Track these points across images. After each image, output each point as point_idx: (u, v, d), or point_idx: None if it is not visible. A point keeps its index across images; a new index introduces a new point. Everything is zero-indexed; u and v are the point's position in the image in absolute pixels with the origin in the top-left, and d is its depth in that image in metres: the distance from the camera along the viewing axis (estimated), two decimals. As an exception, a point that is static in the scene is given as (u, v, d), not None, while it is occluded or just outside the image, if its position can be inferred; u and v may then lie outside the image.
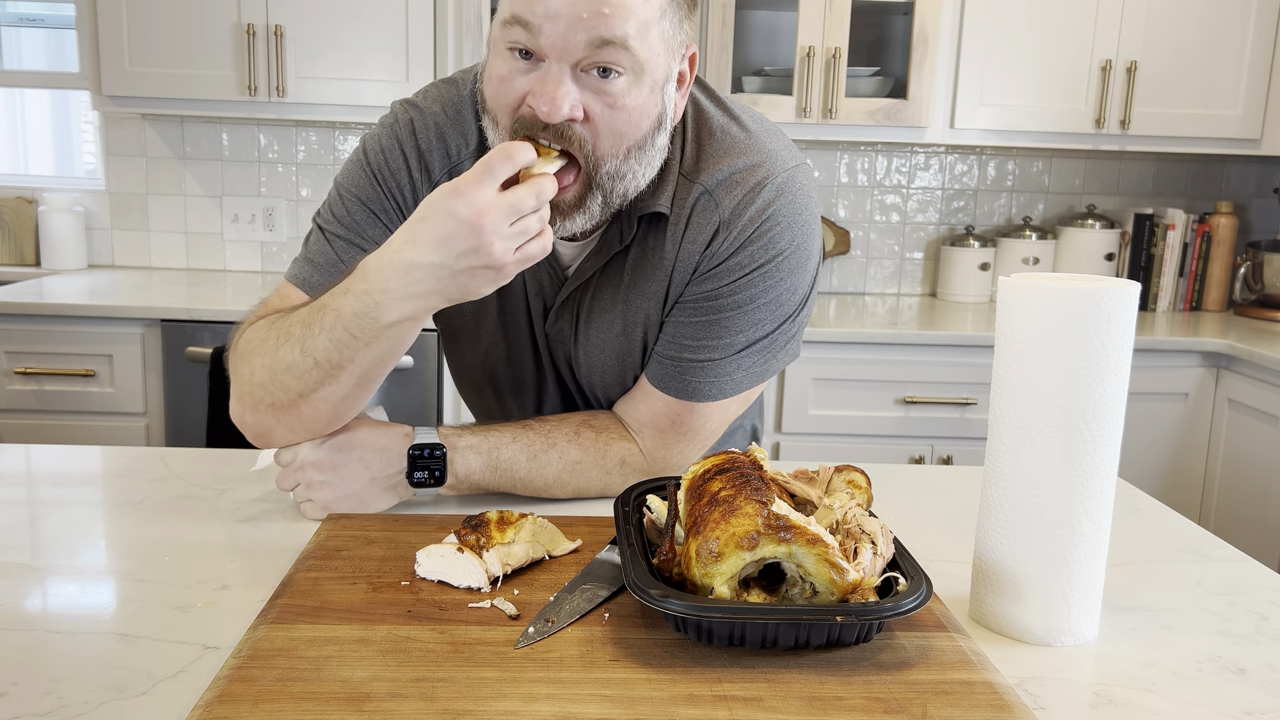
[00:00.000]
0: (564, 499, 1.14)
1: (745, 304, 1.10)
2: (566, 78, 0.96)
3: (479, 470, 1.10)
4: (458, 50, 2.76)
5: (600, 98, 0.97)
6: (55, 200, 3.07)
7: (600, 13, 0.93)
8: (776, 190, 1.08)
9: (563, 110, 0.96)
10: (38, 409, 2.61)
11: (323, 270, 1.13)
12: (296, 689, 0.70)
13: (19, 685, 0.73)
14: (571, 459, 1.12)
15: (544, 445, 1.11)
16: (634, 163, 1.02)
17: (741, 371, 1.13)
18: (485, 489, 1.12)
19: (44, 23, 3.36)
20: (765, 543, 0.76)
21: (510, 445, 1.10)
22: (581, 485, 1.13)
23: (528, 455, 1.10)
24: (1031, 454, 0.82)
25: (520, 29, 0.95)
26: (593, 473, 1.13)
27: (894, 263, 3.31)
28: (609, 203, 1.04)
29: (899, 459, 2.69)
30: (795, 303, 1.12)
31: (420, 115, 1.14)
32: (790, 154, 1.12)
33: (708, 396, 1.13)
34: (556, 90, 0.95)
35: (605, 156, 1.00)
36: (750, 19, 3.08)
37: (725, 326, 1.10)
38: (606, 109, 0.98)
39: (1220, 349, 2.67)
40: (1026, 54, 2.83)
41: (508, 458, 1.10)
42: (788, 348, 1.16)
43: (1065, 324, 0.79)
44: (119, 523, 1.06)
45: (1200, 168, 3.30)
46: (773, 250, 1.08)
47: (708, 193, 1.09)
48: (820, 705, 0.70)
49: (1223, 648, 0.85)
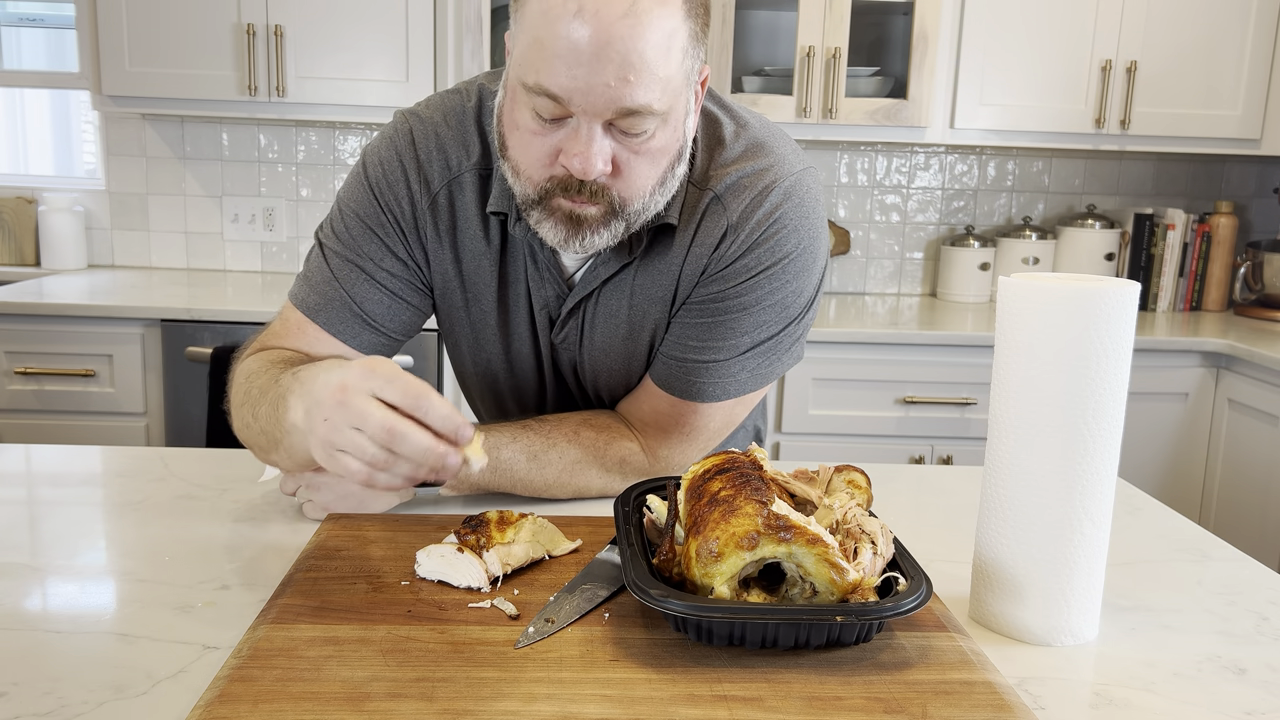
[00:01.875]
0: (564, 499, 1.14)
1: (751, 306, 1.10)
2: (598, 134, 0.95)
3: (477, 471, 1.09)
4: (458, 50, 2.76)
5: (628, 146, 0.97)
6: (55, 200, 3.07)
7: (626, 80, 0.91)
8: (784, 193, 1.08)
9: (596, 168, 0.95)
10: (38, 409, 2.61)
11: (318, 290, 1.13)
12: (296, 689, 0.70)
13: (19, 685, 0.73)
14: (571, 458, 1.12)
15: (543, 445, 1.11)
16: (658, 196, 1.03)
17: (746, 373, 1.13)
18: (485, 489, 1.12)
19: (44, 23, 3.36)
20: (765, 543, 0.76)
21: (510, 445, 1.10)
22: (582, 485, 1.13)
23: (527, 455, 1.10)
24: (1031, 454, 0.82)
25: (547, 100, 0.94)
26: (593, 472, 1.13)
27: (894, 263, 3.31)
28: (630, 228, 1.04)
29: (899, 459, 2.69)
30: (801, 305, 1.12)
31: (420, 124, 1.13)
32: (797, 158, 1.12)
33: (711, 397, 1.13)
34: (589, 150, 0.94)
35: (633, 198, 1.00)
36: (750, 19, 3.08)
37: (731, 328, 1.10)
38: (633, 155, 0.97)
39: (1220, 349, 2.67)
40: (1026, 54, 2.83)
41: (507, 458, 1.09)
42: (792, 350, 1.16)
43: (1065, 324, 0.79)
44: (119, 523, 1.06)
45: (1200, 168, 3.30)
46: (780, 253, 1.09)
47: (716, 198, 1.09)
48: (820, 705, 0.70)
49: (1223, 648, 0.85)
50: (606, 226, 1.01)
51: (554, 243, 1.02)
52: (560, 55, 0.91)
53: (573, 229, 1.00)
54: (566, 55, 0.90)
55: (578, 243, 1.01)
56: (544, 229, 1.02)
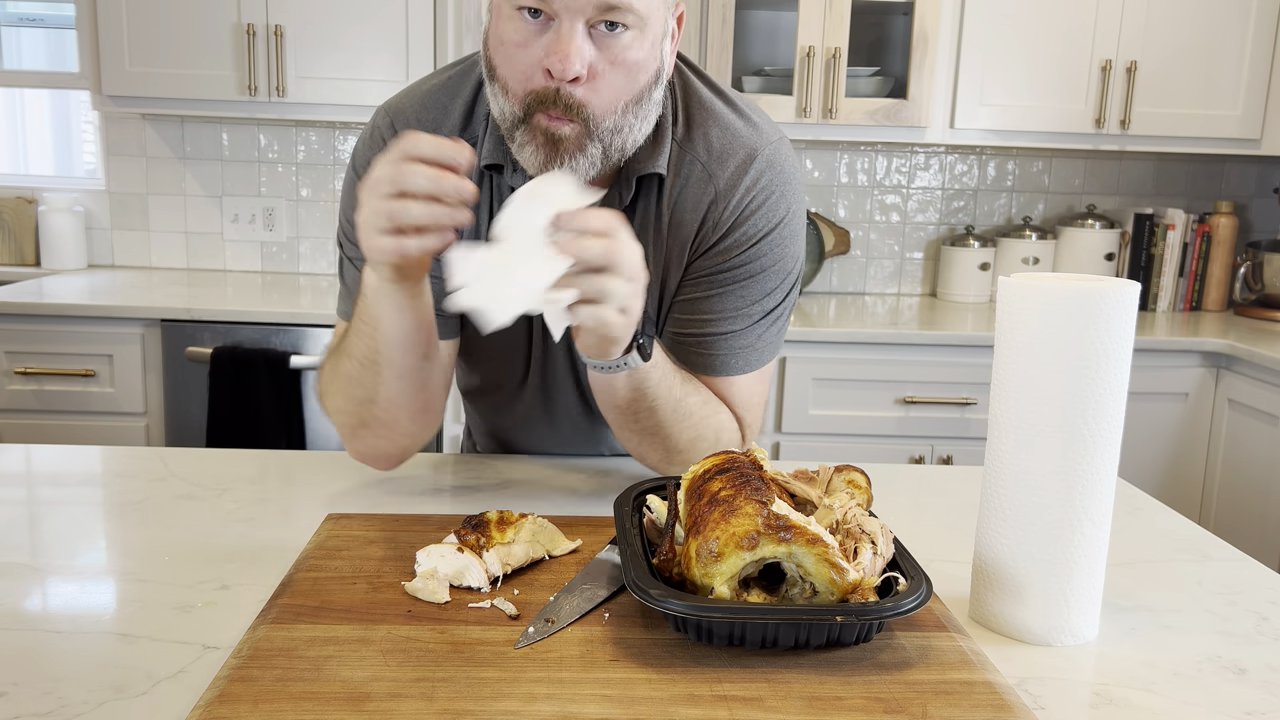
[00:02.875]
0: (660, 453, 1.12)
1: (757, 273, 1.13)
2: (580, 34, 0.97)
3: (659, 369, 1.05)
4: (458, 50, 2.76)
5: (606, 54, 0.98)
6: (55, 200, 3.07)
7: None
8: (767, 162, 1.12)
9: (575, 67, 0.96)
10: (38, 409, 2.61)
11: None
12: (296, 689, 0.70)
13: (19, 685, 0.73)
14: (705, 397, 1.12)
15: (684, 374, 1.10)
16: (632, 117, 1.03)
17: (763, 342, 1.16)
18: (643, 397, 1.06)
19: (44, 23, 3.36)
20: (765, 543, 0.76)
21: (674, 375, 1.08)
22: (702, 433, 1.12)
23: (682, 379, 1.09)
24: (1031, 454, 0.82)
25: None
26: (712, 423, 1.13)
27: (894, 263, 3.31)
28: (609, 155, 1.04)
29: (899, 459, 2.69)
30: (797, 272, 1.17)
31: (399, 115, 1.16)
32: (772, 128, 1.16)
33: (737, 369, 1.15)
34: (570, 46, 0.96)
35: (605, 113, 1.01)
36: (750, 19, 3.08)
37: (742, 295, 1.13)
38: (609, 66, 0.99)
39: (1220, 349, 2.67)
40: (1026, 54, 2.83)
41: (670, 369, 1.08)
42: (788, 320, 1.19)
43: (1065, 324, 0.79)
44: (119, 523, 1.06)
45: (1200, 168, 3.30)
46: (774, 218, 1.12)
47: (700, 163, 1.12)
48: (820, 705, 0.70)
49: (1223, 648, 0.85)
50: (583, 151, 1.01)
51: (534, 167, 1.02)
52: None
53: (551, 150, 1.00)
54: None
55: (556, 164, 1.01)
56: (525, 154, 1.02)
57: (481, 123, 1.14)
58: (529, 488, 1.19)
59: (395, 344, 1.04)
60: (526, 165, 1.03)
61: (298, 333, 2.58)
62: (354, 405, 1.11)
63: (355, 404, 1.11)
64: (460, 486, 1.20)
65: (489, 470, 1.26)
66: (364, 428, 1.12)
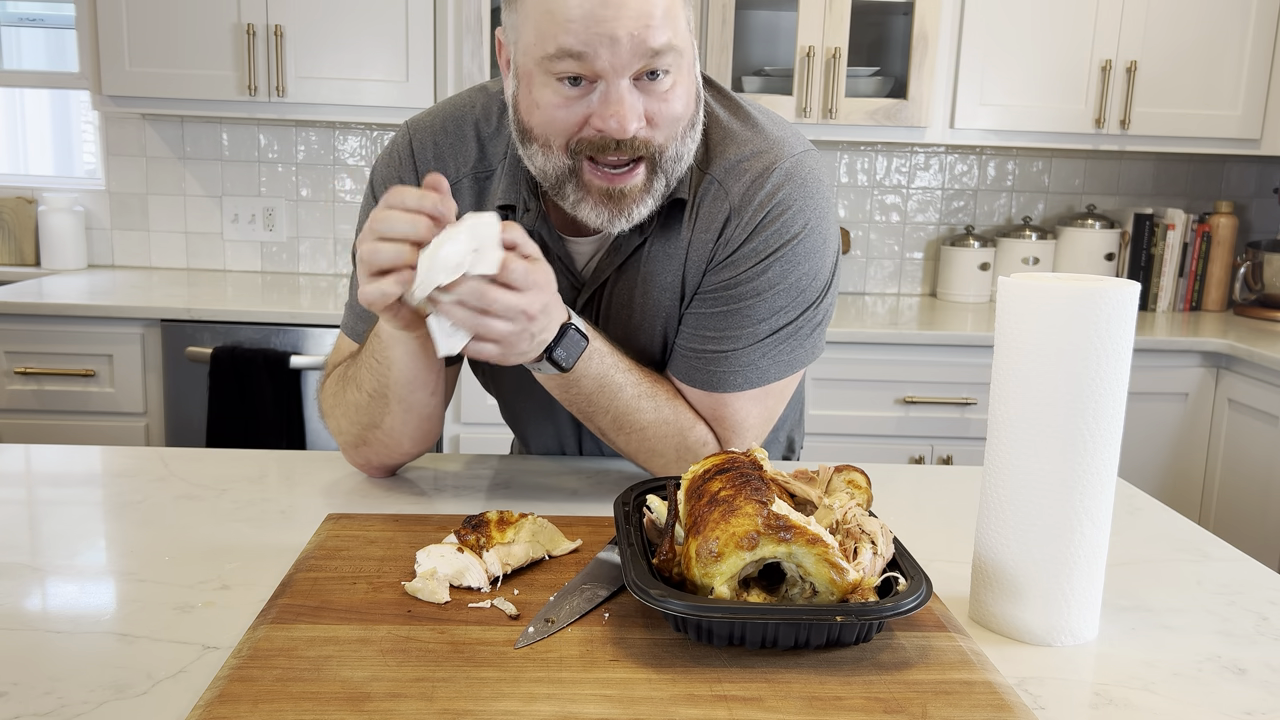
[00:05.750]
0: (624, 456, 1.14)
1: (764, 290, 1.10)
2: (630, 93, 0.97)
3: (594, 376, 1.06)
4: (458, 50, 2.76)
5: (656, 97, 0.99)
6: (55, 200, 3.07)
7: (648, 25, 0.94)
8: (785, 174, 1.09)
9: (633, 126, 0.97)
10: (38, 409, 2.61)
11: (365, 318, 1.16)
12: (296, 689, 0.70)
13: (19, 685, 0.73)
14: (665, 416, 1.12)
15: (649, 390, 1.10)
16: (688, 140, 1.05)
17: (768, 360, 1.13)
18: (582, 399, 1.08)
19: (44, 23, 3.36)
20: (765, 543, 0.76)
21: (625, 374, 1.08)
22: (656, 449, 1.12)
23: (634, 393, 1.09)
24: (1031, 454, 0.82)
25: (571, 60, 0.95)
26: (672, 442, 1.12)
27: (894, 263, 3.31)
28: (669, 184, 1.05)
29: (899, 459, 2.69)
30: (818, 288, 1.12)
31: (418, 135, 1.16)
32: (797, 140, 1.13)
33: (735, 386, 1.12)
34: (623, 108, 0.96)
35: (668, 144, 1.02)
36: (750, 19, 3.08)
37: (746, 315, 1.11)
38: (662, 105, 1.00)
39: (1220, 349, 2.67)
40: (1026, 54, 2.83)
41: (619, 382, 1.08)
42: (814, 337, 1.15)
43: (1065, 324, 0.79)
44: (119, 523, 1.06)
45: (1200, 168, 3.30)
46: (787, 234, 1.09)
47: (716, 182, 1.10)
48: (820, 705, 0.70)
49: (1223, 648, 0.85)
50: (649, 192, 1.03)
51: (597, 224, 1.04)
52: (576, 17, 0.94)
53: (615, 208, 1.02)
54: (583, 15, 0.93)
55: (623, 219, 1.03)
56: (583, 211, 1.03)
57: (499, 160, 1.14)
58: (529, 488, 1.19)
59: (405, 383, 1.07)
60: (588, 221, 1.04)
61: (298, 333, 2.59)
62: (358, 429, 1.14)
63: (359, 428, 1.13)
64: (460, 486, 1.20)
65: (489, 470, 1.26)
66: (365, 446, 1.15)
